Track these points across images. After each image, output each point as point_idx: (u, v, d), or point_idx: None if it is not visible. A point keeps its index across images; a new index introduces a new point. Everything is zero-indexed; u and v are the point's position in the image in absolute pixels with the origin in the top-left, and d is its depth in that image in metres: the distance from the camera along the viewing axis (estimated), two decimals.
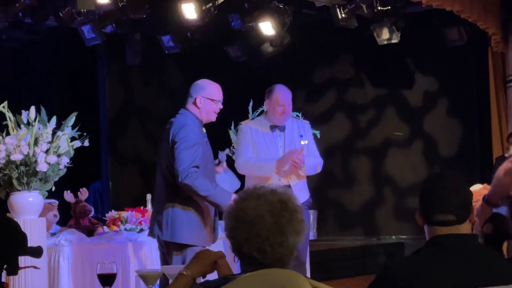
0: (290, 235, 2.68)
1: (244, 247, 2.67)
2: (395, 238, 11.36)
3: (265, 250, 2.65)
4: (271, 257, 2.66)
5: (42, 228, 6.03)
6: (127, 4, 8.34)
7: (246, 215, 2.68)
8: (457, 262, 2.90)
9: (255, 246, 2.65)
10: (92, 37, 9.42)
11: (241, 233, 2.67)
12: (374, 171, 11.61)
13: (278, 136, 7.00)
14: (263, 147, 6.92)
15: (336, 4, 9.13)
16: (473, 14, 8.76)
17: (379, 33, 9.95)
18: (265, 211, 2.68)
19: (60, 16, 8.60)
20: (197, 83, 6.04)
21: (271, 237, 2.66)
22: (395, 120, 11.55)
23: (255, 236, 2.66)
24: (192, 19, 8.79)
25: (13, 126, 5.96)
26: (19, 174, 5.89)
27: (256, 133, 6.96)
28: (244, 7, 9.57)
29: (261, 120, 7.03)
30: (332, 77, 11.82)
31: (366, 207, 11.60)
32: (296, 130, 7.07)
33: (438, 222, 2.97)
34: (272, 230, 2.66)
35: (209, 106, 5.98)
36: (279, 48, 10.25)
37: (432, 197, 3.01)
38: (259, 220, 2.67)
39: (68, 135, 6.05)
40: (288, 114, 6.97)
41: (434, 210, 2.99)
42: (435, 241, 2.97)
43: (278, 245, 2.66)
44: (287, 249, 2.68)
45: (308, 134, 7.09)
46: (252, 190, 2.74)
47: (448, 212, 2.97)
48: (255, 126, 6.99)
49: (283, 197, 2.72)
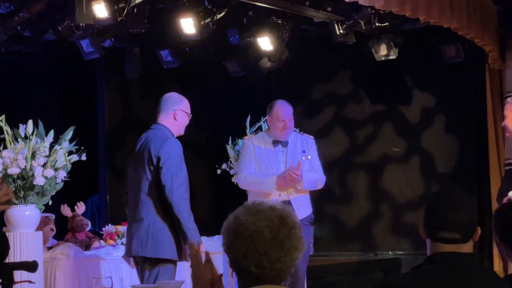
0: (288, 251, 2.69)
1: (242, 262, 2.67)
2: (392, 253, 11.35)
3: (263, 265, 2.66)
4: (269, 272, 2.67)
5: (38, 242, 6.03)
6: (126, 19, 8.36)
7: (245, 230, 2.69)
8: (456, 280, 2.90)
9: (253, 261, 2.66)
10: (91, 51, 9.44)
11: (240, 248, 2.68)
12: (372, 187, 11.61)
13: (280, 151, 7.00)
14: (265, 162, 6.93)
15: (335, 20, 9.15)
16: (471, 31, 8.79)
17: (377, 49, 9.98)
18: (263, 227, 2.69)
19: (59, 30, 8.61)
20: (172, 96, 5.99)
21: (270, 253, 2.67)
22: (392, 136, 11.56)
23: (254, 251, 2.67)
24: (191, 34, 8.81)
25: (10, 139, 5.97)
26: (16, 188, 5.90)
27: (259, 149, 6.97)
28: (243, 23, 9.60)
29: (264, 136, 7.05)
30: (330, 92, 11.84)
31: (363, 222, 11.59)
32: (299, 145, 7.08)
33: (443, 239, 2.96)
34: (270, 246, 2.67)
35: (184, 119, 5.96)
36: (277, 63, 10.27)
37: (439, 214, 2.99)
38: (257, 235, 2.68)
39: (65, 149, 6.06)
40: (290, 129, 6.98)
41: (440, 227, 2.97)
42: (435, 258, 2.97)
43: (276, 261, 2.67)
44: (285, 265, 2.69)
45: (312, 149, 7.10)
46: (251, 205, 2.75)
47: (454, 230, 2.96)
48: (257, 141, 7.01)
49: (282, 213, 2.73)
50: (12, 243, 5.87)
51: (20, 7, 8.11)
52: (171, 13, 8.88)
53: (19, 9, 8.17)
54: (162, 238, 5.58)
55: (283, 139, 6.99)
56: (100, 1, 7.80)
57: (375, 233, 11.54)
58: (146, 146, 5.73)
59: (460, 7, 8.45)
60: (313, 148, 7.15)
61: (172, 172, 5.58)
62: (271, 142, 6.99)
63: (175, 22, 8.79)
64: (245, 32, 9.63)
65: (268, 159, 6.96)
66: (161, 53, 10.30)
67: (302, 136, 7.21)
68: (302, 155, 7.04)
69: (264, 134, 7.11)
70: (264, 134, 7.09)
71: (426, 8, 8.00)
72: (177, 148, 5.72)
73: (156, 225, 5.59)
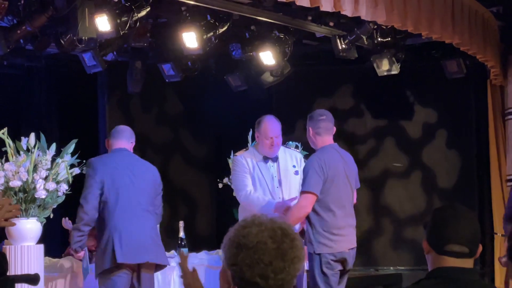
0: (292, 261, 2.71)
1: (247, 273, 2.68)
2: (393, 269, 11.33)
3: (268, 276, 2.67)
4: (274, 283, 2.68)
5: (39, 255, 6.03)
6: (129, 33, 8.38)
7: (249, 242, 2.71)
8: None
9: (258, 271, 2.67)
10: (93, 64, 9.45)
11: (244, 259, 2.69)
12: (373, 202, 11.60)
13: (271, 166, 6.99)
14: (259, 177, 6.91)
15: (337, 35, 9.17)
16: (473, 47, 8.81)
17: (379, 64, 9.99)
18: (267, 237, 2.71)
19: (61, 43, 8.63)
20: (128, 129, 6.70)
21: (274, 263, 2.68)
22: (394, 151, 11.56)
23: (258, 262, 2.68)
24: (193, 48, 8.83)
25: (12, 152, 5.98)
26: (17, 201, 5.90)
27: (252, 164, 6.96)
28: (245, 37, 9.61)
29: (254, 152, 7.02)
30: (331, 107, 11.83)
31: (364, 237, 11.57)
32: (289, 160, 7.07)
33: (451, 252, 2.95)
34: (275, 256, 2.69)
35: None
36: (279, 78, 10.29)
37: (448, 226, 2.97)
38: (261, 246, 2.69)
39: (67, 162, 6.07)
40: (277, 146, 6.94)
41: (449, 240, 2.96)
42: (438, 273, 2.96)
43: (280, 271, 2.69)
44: (289, 275, 2.70)
45: (301, 165, 7.06)
46: (252, 218, 2.78)
47: (463, 243, 2.95)
48: (249, 157, 6.99)
49: (282, 225, 2.76)
50: (13, 256, 5.88)
51: (23, 21, 8.13)
52: (173, 27, 8.90)
53: (21, 22, 8.19)
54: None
55: (271, 156, 6.97)
56: (102, 14, 7.82)
57: (376, 248, 11.52)
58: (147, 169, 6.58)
59: (462, 22, 8.47)
60: (302, 163, 7.10)
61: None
62: (262, 158, 6.98)
63: (177, 36, 8.81)
64: (247, 46, 9.64)
65: (262, 174, 6.94)
66: (163, 67, 10.31)
67: (290, 150, 7.19)
68: (293, 169, 7.04)
69: (253, 149, 7.09)
70: (253, 150, 7.07)
71: (428, 23, 8.02)
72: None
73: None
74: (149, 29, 8.81)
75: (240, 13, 8.39)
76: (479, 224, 3.03)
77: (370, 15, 7.51)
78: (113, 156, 6.23)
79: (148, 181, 6.28)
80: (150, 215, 6.23)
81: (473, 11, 8.83)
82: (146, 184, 6.25)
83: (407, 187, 11.44)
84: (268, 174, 6.95)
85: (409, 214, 11.29)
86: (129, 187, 6.11)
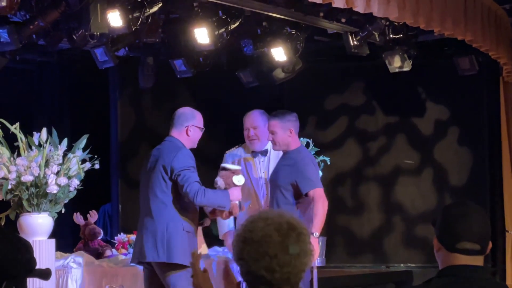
0: (298, 255, 2.72)
1: (253, 266, 2.71)
2: (404, 266, 11.32)
3: (273, 269, 2.69)
4: (280, 277, 2.69)
5: (51, 249, 6.05)
6: (141, 28, 8.39)
7: (254, 235, 2.73)
8: None
9: (263, 264, 2.69)
10: (105, 60, 9.46)
11: (250, 253, 2.72)
12: (384, 199, 11.59)
13: (261, 161, 6.91)
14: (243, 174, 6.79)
15: (349, 32, 9.16)
16: (485, 44, 8.78)
17: (391, 61, 9.97)
18: (272, 230, 2.73)
19: (73, 39, 8.65)
20: (185, 112, 6.19)
21: (279, 256, 2.70)
22: (405, 148, 11.54)
23: (264, 255, 2.70)
24: (205, 44, 8.83)
25: (24, 147, 5.99)
26: (29, 196, 5.92)
27: (238, 162, 6.92)
28: (257, 33, 9.61)
29: (245, 147, 7.00)
30: (343, 104, 11.83)
31: (375, 234, 11.57)
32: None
33: (463, 250, 2.94)
34: (280, 249, 2.71)
35: (197, 134, 6.18)
36: (291, 74, 10.27)
37: (460, 224, 2.96)
38: (267, 239, 2.71)
39: (79, 157, 6.08)
40: (257, 139, 6.85)
41: (461, 238, 2.94)
42: (448, 271, 2.94)
43: (286, 264, 2.70)
44: (295, 269, 2.71)
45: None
46: (259, 213, 2.81)
47: (475, 241, 2.94)
48: (238, 154, 6.96)
49: (290, 219, 2.78)
50: None
51: (36, 16, 8.15)
52: (185, 23, 8.90)
53: (34, 17, 8.21)
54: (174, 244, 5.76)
55: (254, 149, 6.90)
56: (114, 10, 7.83)
57: (387, 245, 11.51)
58: (159, 157, 5.93)
59: (474, 19, 8.45)
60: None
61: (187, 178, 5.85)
62: (251, 153, 6.92)
63: (189, 31, 8.81)
64: (259, 42, 9.64)
65: (247, 171, 6.87)
66: (174, 62, 10.32)
67: None
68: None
69: (242, 147, 7.05)
70: (243, 147, 7.03)
71: (440, 20, 8.00)
72: (189, 158, 5.91)
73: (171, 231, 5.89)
74: (161, 24, 8.82)
75: (252, 9, 8.39)
76: (489, 220, 3.02)
77: (382, 11, 7.50)
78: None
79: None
80: None
81: (486, 8, 8.81)
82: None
83: (419, 184, 11.42)
84: (255, 170, 6.88)
85: (420, 211, 11.27)
86: None
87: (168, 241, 5.83)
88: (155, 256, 5.87)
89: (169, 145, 6.04)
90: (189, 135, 6.15)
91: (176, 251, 5.84)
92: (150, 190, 5.97)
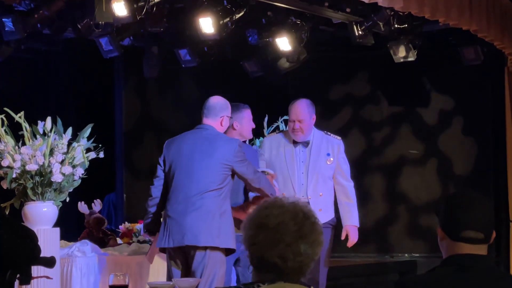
0: (312, 245, 2.73)
1: (267, 253, 2.69)
2: (408, 256, 11.33)
3: (287, 257, 2.69)
4: (292, 265, 2.69)
5: (55, 238, 6.06)
6: (145, 17, 8.39)
7: (270, 222, 2.72)
8: (473, 283, 2.88)
9: (278, 252, 2.70)
10: (110, 49, 9.47)
11: (264, 239, 2.71)
12: (388, 189, 11.59)
13: (301, 151, 6.86)
14: (282, 162, 6.81)
15: (353, 21, 9.14)
16: (490, 34, 8.76)
17: (396, 51, 9.96)
18: (288, 219, 2.73)
19: (78, 28, 8.65)
20: (219, 102, 6.19)
21: (294, 244, 2.71)
22: (410, 138, 11.54)
23: (279, 242, 2.70)
24: (210, 33, 8.83)
25: (29, 136, 5.99)
26: (33, 184, 5.92)
27: (277, 148, 6.87)
28: (262, 23, 9.60)
29: (283, 135, 6.95)
30: (348, 94, 11.83)
31: (380, 224, 11.58)
32: (324, 147, 6.87)
33: (467, 238, 2.93)
34: (296, 237, 2.71)
35: (228, 125, 6.23)
36: (295, 64, 10.27)
37: (463, 212, 2.95)
38: (283, 227, 2.71)
39: (83, 146, 6.08)
40: (301, 131, 6.79)
41: (465, 226, 2.94)
42: (452, 260, 2.94)
43: (299, 254, 2.71)
44: (307, 258, 2.72)
45: (339, 153, 6.95)
46: (273, 200, 2.81)
47: (479, 229, 2.94)
48: (277, 140, 6.92)
49: (304, 208, 2.79)
50: None
51: (40, 5, 8.15)
52: (190, 12, 8.90)
53: (39, 6, 8.21)
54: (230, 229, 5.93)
55: (298, 140, 6.84)
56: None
57: (391, 235, 11.52)
58: (213, 144, 5.93)
59: (479, 9, 8.42)
60: (340, 151, 6.98)
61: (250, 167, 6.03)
62: (292, 141, 6.87)
63: (194, 21, 8.81)
64: (264, 32, 9.64)
65: (286, 159, 6.84)
66: (179, 52, 10.32)
67: (329, 137, 6.98)
68: (326, 158, 6.90)
69: (283, 133, 7.01)
70: (283, 133, 6.99)
71: (445, 10, 7.98)
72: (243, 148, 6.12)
73: (225, 217, 5.91)
74: (166, 14, 8.81)
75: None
76: (493, 209, 3.02)
77: (387, 1, 7.48)
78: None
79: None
80: None
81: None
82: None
83: (423, 174, 11.42)
84: (294, 159, 6.84)
85: (424, 201, 11.27)
86: None
87: (219, 226, 5.82)
88: (209, 240, 5.83)
89: (217, 134, 6.06)
90: (223, 125, 6.17)
91: (228, 236, 5.88)
92: (202, 176, 5.90)
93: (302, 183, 6.82)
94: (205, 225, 5.84)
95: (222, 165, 5.92)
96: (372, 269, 10.60)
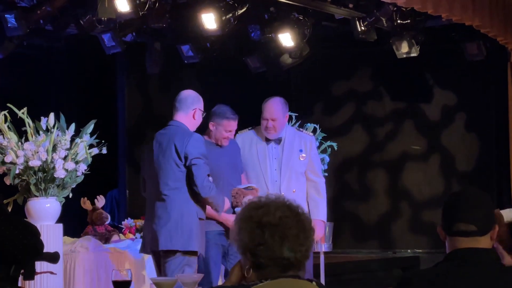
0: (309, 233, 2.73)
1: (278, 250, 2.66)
2: (411, 251, 11.33)
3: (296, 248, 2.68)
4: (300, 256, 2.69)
5: (58, 234, 6.06)
6: (148, 13, 8.38)
7: (271, 219, 2.69)
8: (476, 277, 2.89)
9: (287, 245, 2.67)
10: (112, 45, 9.47)
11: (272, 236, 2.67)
12: (391, 185, 11.60)
13: (274, 148, 6.81)
14: (254, 159, 6.73)
15: (356, 17, 9.14)
16: (493, 29, 8.75)
17: (398, 46, 9.95)
18: (287, 212, 2.71)
19: (80, 24, 8.65)
20: (191, 95, 6.09)
21: (300, 234, 2.70)
22: (412, 133, 11.54)
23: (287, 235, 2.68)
24: (212, 29, 8.83)
25: (32, 132, 6.00)
26: (36, 180, 5.92)
27: (250, 144, 6.81)
28: (264, 18, 9.60)
29: (255, 132, 6.88)
30: (350, 89, 11.83)
31: (382, 220, 11.58)
32: (297, 144, 6.81)
33: (459, 232, 2.95)
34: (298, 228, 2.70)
35: (200, 118, 6.08)
36: (298, 59, 10.27)
37: (455, 208, 2.98)
38: (285, 220, 2.69)
39: (86, 142, 6.08)
40: (274, 130, 6.71)
41: (456, 219, 2.96)
42: (454, 255, 2.95)
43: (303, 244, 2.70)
44: (310, 247, 2.72)
45: (311, 149, 6.86)
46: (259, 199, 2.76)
47: (470, 222, 2.94)
48: (249, 136, 6.86)
49: (290, 200, 2.76)
50: None
51: (43, 1, 8.16)
52: (192, 8, 8.90)
53: (41, 3, 8.21)
54: (190, 231, 5.69)
55: (271, 138, 6.78)
56: None
57: (394, 231, 11.53)
58: (170, 142, 5.81)
59: (482, 4, 8.41)
60: (312, 147, 6.90)
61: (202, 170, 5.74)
62: (263, 139, 6.81)
63: (196, 17, 8.80)
64: (266, 28, 9.63)
65: (258, 155, 6.76)
66: (182, 48, 10.32)
67: (301, 134, 6.90)
68: (299, 154, 6.84)
69: (256, 130, 6.92)
70: (256, 130, 6.90)
71: (448, 5, 7.97)
72: (202, 144, 5.82)
73: (185, 219, 5.71)
74: (168, 10, 8.81)
75: None
76: (491, 203, 3.03)
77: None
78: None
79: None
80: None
81: None
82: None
83: (426, 170, 11.42)
84: (267, 156, 6.78)
85: (427, 197, 11.28)
86: None
87: (182, 228, 5.69)
88: (168, 244, 5.71)
89: (177, 130, 5.89)
90: (195, 119, 6.03)
91: (191, 239, 5.71)
92: (160, 177, 5.79)
93: (275, 179, 6.77)
94: (163, 229, 5.75)
95: (174, 162, 5.79)
96: (375, 265, 10.60)
